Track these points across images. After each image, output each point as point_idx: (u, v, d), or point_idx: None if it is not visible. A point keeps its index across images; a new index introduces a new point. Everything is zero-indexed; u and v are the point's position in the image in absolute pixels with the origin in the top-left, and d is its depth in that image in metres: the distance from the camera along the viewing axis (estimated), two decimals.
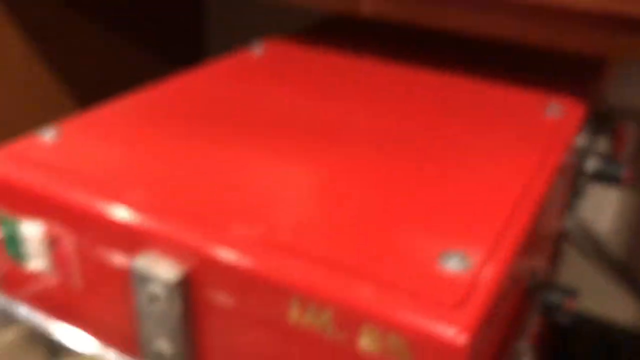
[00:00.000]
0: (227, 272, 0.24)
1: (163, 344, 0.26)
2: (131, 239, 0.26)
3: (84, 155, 0.30)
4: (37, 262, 0.30)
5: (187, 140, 0.32)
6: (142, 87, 0.38)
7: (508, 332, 0.29)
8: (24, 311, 0.28)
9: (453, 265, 0.23)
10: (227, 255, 0.24)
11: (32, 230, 0.29)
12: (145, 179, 0.28)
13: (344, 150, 0.31)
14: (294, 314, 0.23)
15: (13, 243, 0.30)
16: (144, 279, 0.25)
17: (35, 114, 0.56)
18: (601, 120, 0.44)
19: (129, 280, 0.27)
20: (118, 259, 0.27)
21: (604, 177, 0.42)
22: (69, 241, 0.28)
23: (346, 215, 0.26)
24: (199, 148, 0.31)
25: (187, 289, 0.25)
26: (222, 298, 0.24)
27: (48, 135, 0.32)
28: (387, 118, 0.35)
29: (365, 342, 0.22)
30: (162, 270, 0.25)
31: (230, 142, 0.32)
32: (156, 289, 0.25)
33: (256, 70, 0.42)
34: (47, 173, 0.29)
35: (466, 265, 0.23)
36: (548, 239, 0.38)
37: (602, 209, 0.65)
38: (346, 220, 0.25)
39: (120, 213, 0.26)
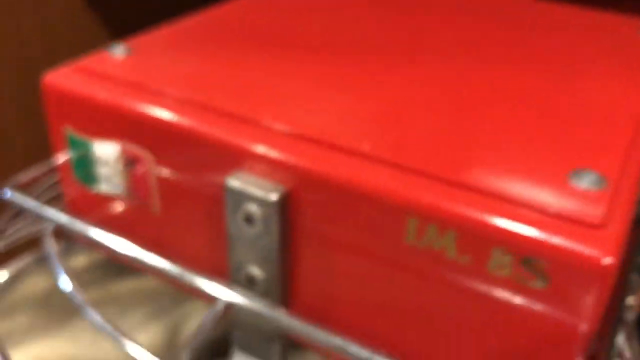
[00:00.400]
0: (335, 192, 0.22)
1: (255, 269, 0.25)
2: (224, 158, 0.24)
3: (161, 70, 0.28)
4: (110, 185, 0.28)
5: (260, 57, 0.30)
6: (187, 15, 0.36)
7: None
8: (101, 235, 0.26)
9: (588, 183, 0.21)
10: (336, 173, 0.22)
11: (106, 151, 0.27)
12: (231, 94, 0.26)
13: (440, 65, 0.29)
14: (411, 236, 0.21)
15: (83, 165, 0.29)
16: (239, 198, 0.23)
17: (71, 45, 0.54)
18: None
19: (219, 201, 0.25)
20: (206, 179, 0.25)
21: None
22: (147, 162, 0.26)
23: (465, 132, 0.24)
24: (273, 64, 0.29)
25: (286, 210, 0.23)
26: (324, 220, 0.23)
27: (118, 51, 0.29)
28: (477, 37, 0.33)
29: (495, 265, 0.20)
30: (260, 189, 0.23)
31: (306, 58, 0.30)
32: (253, 209, 0.23)
33: None
34: (123, 88, 0.27)
35: (602, 184, 0.21)
36: None
37: None
38: (466, 136, 0.23)
39: (212, 129, 0.24)
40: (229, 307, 0.24)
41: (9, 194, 0.29)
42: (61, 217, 0.27)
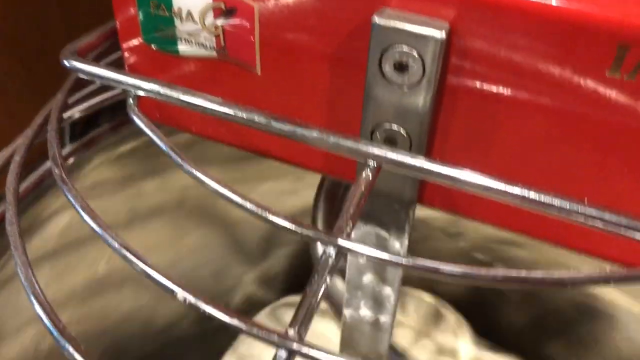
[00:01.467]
0: (517, 21, 0.18)
1: (397, 127, 0.21)
2: None
3: None
4: (195, 45, 0.24)
5: None
6: None
7: None
8: (208, 103, 0.22)
9: None
10: None
11: (193, 1, 0.23)
12: None
13: None
14: (614, 68, 0.18)
15: (156, 24, 0.24)
16: (390, 40, 0.19)
17: None
18: None
19: (349, 49, 0.21)
20: (334, 21, 0.21)
21: None
22: (251, 10, 0.22)
23: None
24: None
25: (449, 51, 0.20)
26: (496, 62, 0.19)
27: None
28: None
29: None
30: (422, 25, 0.19)
31: None
32: (408, 51, 0.19)
33: None
34: None
35: None
36: None
37: None
38: None
39: None
40: (378, 169, 0.21)
41: (67, 62, 0.24)
42: (145, 84, 0.23)
